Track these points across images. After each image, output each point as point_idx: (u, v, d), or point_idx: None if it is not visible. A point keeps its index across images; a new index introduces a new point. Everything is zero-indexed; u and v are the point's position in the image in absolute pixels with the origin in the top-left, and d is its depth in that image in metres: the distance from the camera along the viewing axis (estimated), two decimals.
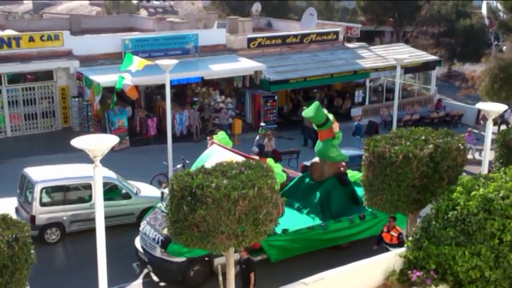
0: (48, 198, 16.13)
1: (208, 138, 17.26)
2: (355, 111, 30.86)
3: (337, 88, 33.05)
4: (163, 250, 14.02)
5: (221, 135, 17.20)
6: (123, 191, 16.88)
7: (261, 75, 27.96)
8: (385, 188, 12.89)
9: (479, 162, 17.87)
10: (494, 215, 11.22)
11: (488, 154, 13.63)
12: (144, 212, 16.49)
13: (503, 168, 12.84)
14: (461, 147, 13.05)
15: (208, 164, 14.58)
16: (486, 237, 11.27)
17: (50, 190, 16.20)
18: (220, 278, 11.86)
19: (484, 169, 13.74)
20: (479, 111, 29.88)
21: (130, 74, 22.32)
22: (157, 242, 14.18)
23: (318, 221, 15.94)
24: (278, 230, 14.88)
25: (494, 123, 27.64)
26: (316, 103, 16.74)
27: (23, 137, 25.51)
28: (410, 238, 12.44)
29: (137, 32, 28.97)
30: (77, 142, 8.61)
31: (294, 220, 15.83)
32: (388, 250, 13.28)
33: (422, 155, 12.57)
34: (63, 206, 16.18)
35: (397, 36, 46.33)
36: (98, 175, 8.80)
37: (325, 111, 16.85)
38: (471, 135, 25.22)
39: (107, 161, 9.13)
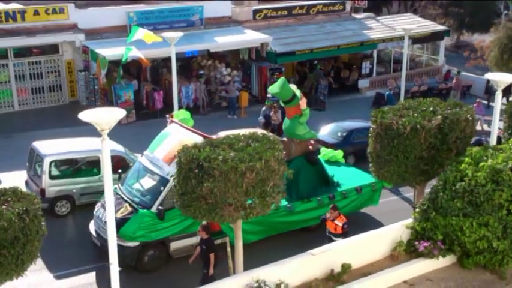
0: (57, 172, 16.24)
1: (167, 116, 16.47)
2: (362, 83, 30.67)
3: (344, 60, 32.80)
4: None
5: (182, 115, 16.49)
6: (131, 164, 16.93)
7: (267, 47, 27.74)
8: (393, 160, 12.90)
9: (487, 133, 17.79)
10: (503, 185, 11.23)
11: (497, 125, 13.53)
12: None
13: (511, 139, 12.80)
14: (470, 118, 12.99)
15: (166, 144, 14.54)
16: (494, 208, 11.30)
17: (59, 163, 16.31)
18: (229, 249, 11.97)
19: (493, 140, 13.67)
20: (488, 81, 29.66)
21: (137, 47, 22.18)
22: None
23: (283, 202, 14.54)
24: None
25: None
26: (282, 78, 16.02)
27: (31, 111, 25.57)
28: (417, 209, 12.48)
29: (142, 4, 28.66)
30: (85, 116, 8.62)
31: None
32: (332, 240, 12.88)
33: (430, 126, 12.53)
34: (72, 179, 16.29)
35: (405, 6, 45.67)
36: (106, 148, 8.82)
37: (293, 86, 16.15)
38: (480, 106, 25.06)
39: (114, 135, 9.15)
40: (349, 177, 16.67)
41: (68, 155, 16.40)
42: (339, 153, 17.95)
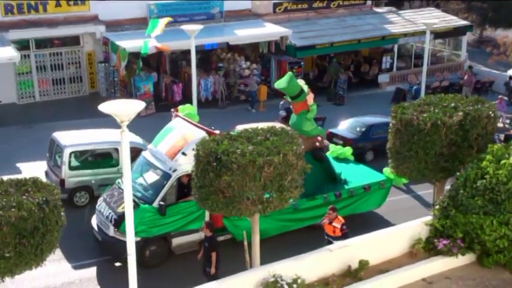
0: (77, 162, 16.36)
1: (172, 110, 16.24)
2: (383, 78, 30.41)
3: (364, 54, 32.53)
4: (116, 229, 13.33)
5: (187, 109, 16.30)
6: None
7: (286, 40, 27.62)
8: (412, 156, 12.79)
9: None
10: None
11: None
12: None
13: None
14: (492, 114, 12.80)
15: (169, 139, 14.36)
16: None
17: (79, 154, 16.43)
18: (245, 243, 11.95)
19: None
20: (510, 77, 29.21)
21: (156, 39, 22.22)
22: (111, 221, 13.50)
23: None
24: None
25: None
26: (289, 73, 15.77)
27: (51, 102, 25.79)
28: (437, 206, 12.35)
29: None
30: (104, 107, 8.64)
31: None
32: (331, 242, 12.48)
33: (451, 122, 12.38)
34: (91, 170, 16.40)
35: (427, 1, 45.15)
36: (125, 140, 8.85)
37: (301, 82, 15.89)
38: (502, 103, 24.69)
39: (133, 126, 9.16)
40: (357, 175, 16.36)
41: (87, 146, 16.52)
42: (348, 150, 17.68)
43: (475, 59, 35.72)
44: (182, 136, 14.10)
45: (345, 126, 21.34)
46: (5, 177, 9.95)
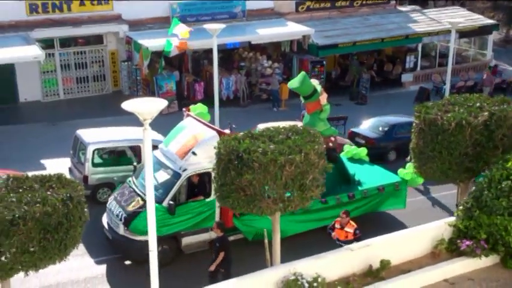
0: (100, 160, 16.53)
1: (184, 109, 16.13)
2: (406, 77, 30.15)
3: (387, 53, 32.29)
4: (125, 228, 13.39)
5: (199, 109, 16.19)
6: None
7: (309, 39, 27.55)
8: (436, 156, 12.64)
9: None
10: None
11: None
12: None
13: None
14: None
15: (180, 138, 14.27)
16: None
17: (102, 151, 16.60)
18: (266, 241, 11.95)
19: None
20: None
21: (178, 39, 22.36)
22: (120, 219, 13.54)
23: None
24: None
25: None
26: (302, 73, 15.62)
27: (75, 100, 26.09)
28: (460, 207, 12.21)
29: None
30: (127, 105, 8.70)
31: None
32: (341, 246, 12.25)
33: (476, 122, 12.22)
34: (114, 167, 16.55)
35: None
36: (147, 138, 8.90)
37: (316, 82, 15.74)
38: None
39: (155, 124, 9.21)
40: (371, 176, 16.15)
41: (110, 143, 16.68)
42: (362, 151, 17.45)
43: (501, 59, 35.17)
44: (193, 136, 14.08)
45: (367, 125, 21.21)
46: (30, 174, 10.11)
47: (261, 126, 15.44)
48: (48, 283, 12.88)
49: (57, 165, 17.67)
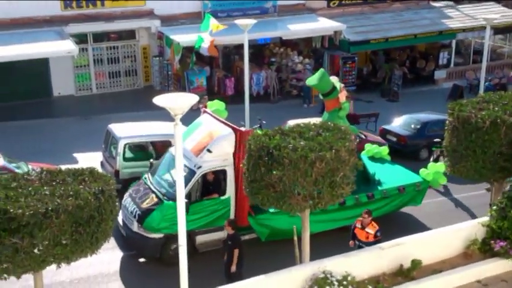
0: (131, 154, 16.67)
1: (200, 106, 15.77)
2: (439, 74, 29.67)
3: (420, 49, 31.81)
4: (139, 225, 13.26)
5: (216, 105, 15.84)
6: None
7: (340, 35, 27.30)
8: (470, 155, 12.42)
9: None
10: None
11: None
12: None
13: None
14: None
15: (196, 135, 14.09)
16: None
17: (133, 146, 16.73)
18: (295, 238, 11.89)
19: None
20: None
21: (209, 34, 22.44)
22: (135, 216, 13.44)
23: None
24: (272, 208, 13.63)
25: None
26: (321, 70, 15.37)
27: (107, 94, 26.41)
28: (494, 207, 11.97)
29: None
30: (159, 100, 8.75)
31: None
32: (361, 247, 12.04)
33: (511, 121, 11.94)
34: (145, 161, 16.64)
35: None
36: (178, 133, 8.94)
37: (335, 79, 15.46)
38: None
39: (185, 119, 9.23)
40: (392, 176, 15.77)
41: (141, 138, 16.81)
42: (384, 150, 17.09)
43: None
44: (209, 133, 13.91)
45: (399, 122, 20.96)
46: (63, 167, 10.25)
47: (291, 123, 15.35)
48: (79, 276, 13.08)
49: (89, 159, 17.90)
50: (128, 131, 16.89)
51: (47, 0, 24.10)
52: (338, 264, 10.57)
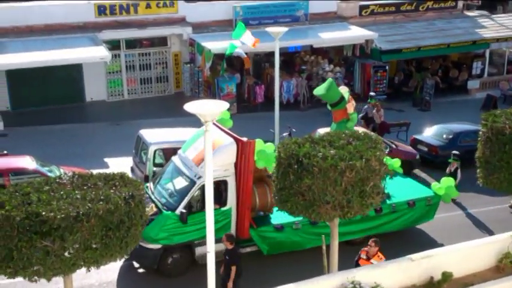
0: (161, 160, 16.76)
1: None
2: (472, 84, 29.21)
3: (453, 59, 31.39)
4: None
5: (221, 115, 15.59)
6: None
7: (372, 44, 27.13)
8: (503, 166, 12.17)
9: None
10: None
11: None
12: None
13: None
14: None
15: (198, 144, 13.70)
16: None
17: (163, 152, 16.82)
18: (324, 247, 11.79)
19: None
20: None
21: (241, 42, 22.50)
22: None
23: None
24: (274, 221, 13.67)
25: None
26: (329, 80, 15.04)
27: (138, 100, 26.69)
28: None
29: (248, 0, 29.03)
30: (190, 107, 8.80)
31: None
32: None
33: None
34: None
35: None
36: (208, 139, 8.97)
37: (345, 89, 15.06)
38: None
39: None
40: (402, 189, 15.26)
41: (172, 144, 16.84)
42: (395, 162, 16.31)
43: None
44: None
45: (430, 132, 20.68)
46: (94, 171, 10.37)
47: (321, 131, 15.32)
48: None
49: (119, 164, 18.10)
50: (158, 136, 17.01)
51: (81, 6, 24.58)
52: (367, 275, 10.44)
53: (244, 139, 13.04)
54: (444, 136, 20.20)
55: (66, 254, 8.49)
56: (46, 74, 23.83)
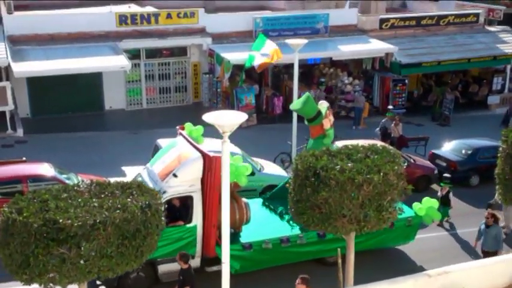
0: None
1: (178, 127, 14.99)
2: (492, 99, 28.93)
3: (473, 74, 31.15)
4: None
5: (194, 129, 14.61)
6: None
7: (391, 57, 27.04)
8: None
9: None
10: None
11: None
12: (266, 190, 16.66)
13: None
14: None
15: (166, 158, 13.38)
16: None
17: None
18: (339, 261, 11.70)
19: None
20: None
21: (261, 55, 22.54)
22: None
23: (296, 231, 13.49)
24: (244, 239, 13.13)
25: None
26: (306, 94, 14.61)
27: (157, 110, 26.83)
28: None
29: (268, 11, 29.12)
30: (208, 117, 8.83)
31: (269, 228, 13.74)
32: None
33: None
34: None
35: None
36: (226, 150, 8.98)
37: (325, 104, 14.58)
38: None
39: (232, 137, 9.25)
40: None
41: None
42: None
43: None
44: (177, 156, 13.19)
45: (449, 147, 20.48)
46: (111, 179, 10.41)
47: (339, 144, 15.20)
48: None
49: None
50: None
51: (103, 16, 24.85)
52: None
53: (211, 154, 12.43)
54: (463, 151, 19.99)
55: (81, 261, 8.50)
56: (66, 81, 24.08)
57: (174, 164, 13.02)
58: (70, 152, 20.77)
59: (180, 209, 12.80)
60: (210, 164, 12.34)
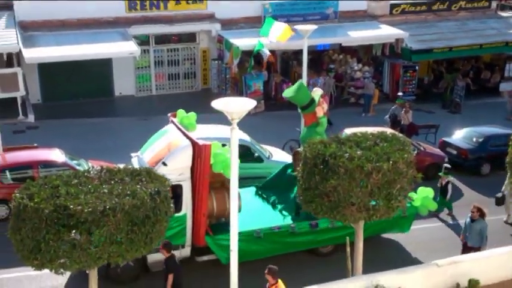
0: None
1: (169, 114, 14.73)
2: (505, 86, 28.64)
3: (485, 60, 30.83)
4: None
5: (186, 116, 14.46)
6: (256, 154, 17.14)
7: (402, 43, 26.81)
8: None
9: None
10: None
11: None
12: None
13: None
14: None
15: (156, 146, 13.30)
16: None
17: None
18: (348, 249, 11.70)
19: None
20: None
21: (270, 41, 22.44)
22: None
23: (288, 221, 13.37)
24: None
25: None
26: (299, 82, 14.41)
27: (166, 96, 26.82)
28: None
29: None
30: (217, 104, 8.81)
31: (260, 217, 13.51)
32: None
33: None
34: None
35: None
36: (235, 137, 8.97)
37: (319, 91, 14.32)
38: None
39: (241, 123, 9.21)
40: None
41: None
42: None
43: None
44: (167, 144, 13.04)
45: (460, 135, 20.33)
46: (121, 165, 10.45)
47: (348, 131, 15.14)
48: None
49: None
50: None
51: (113, 2, 24.81)
52: (392, 279, 10.34)
53: (201, 142, 12.22)
54: (474, 139, 19.84)
55: (91, 247, 8.57)
56: (76, 68, 24.13)
57: (163, 152, 12.87)
58: (80, 138, 20.84)
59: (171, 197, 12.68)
60: (200, 152, 12.10)
